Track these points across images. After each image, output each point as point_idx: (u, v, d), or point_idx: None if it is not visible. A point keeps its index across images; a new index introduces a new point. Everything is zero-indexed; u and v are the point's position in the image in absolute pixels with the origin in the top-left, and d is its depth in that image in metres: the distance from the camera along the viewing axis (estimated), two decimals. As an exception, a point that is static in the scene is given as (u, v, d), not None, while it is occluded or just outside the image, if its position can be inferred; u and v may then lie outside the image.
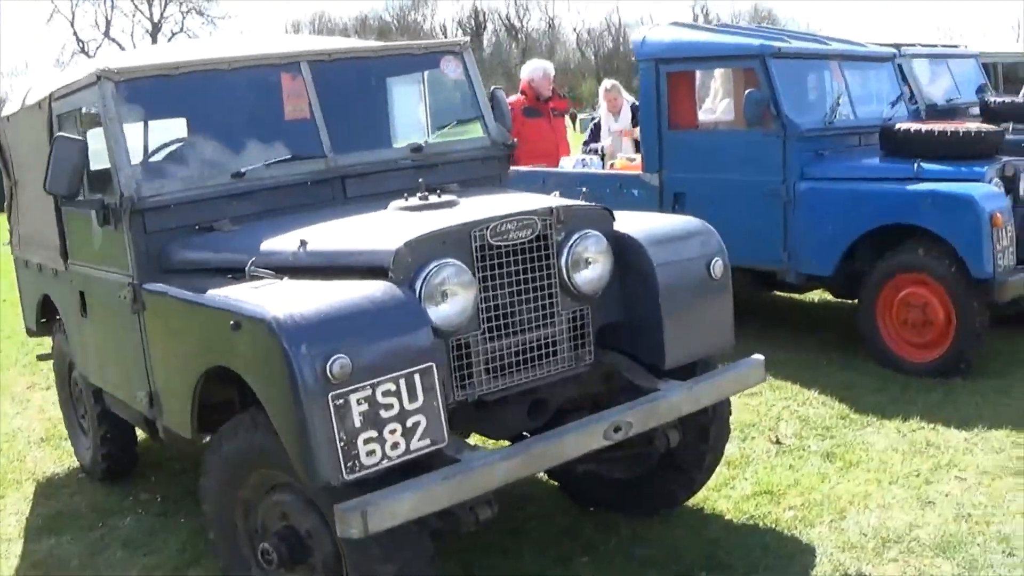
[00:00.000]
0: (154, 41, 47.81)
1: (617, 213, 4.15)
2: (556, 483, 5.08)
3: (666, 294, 3.98)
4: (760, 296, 8.24)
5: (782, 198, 7.22)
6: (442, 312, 3.43)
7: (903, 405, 6.12)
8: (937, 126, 7.03)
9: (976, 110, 10.00)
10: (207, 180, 4.32)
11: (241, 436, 3.60)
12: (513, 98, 9.97)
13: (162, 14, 48.18)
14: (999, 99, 10.01)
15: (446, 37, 52.93)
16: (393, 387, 3.17)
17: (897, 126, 7.18)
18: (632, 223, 4.17)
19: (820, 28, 48.68)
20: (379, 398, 3.14)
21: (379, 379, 3.15)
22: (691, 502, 4.88)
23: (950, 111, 10.03)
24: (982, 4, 73.65)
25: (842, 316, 8.25)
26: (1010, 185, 6.87)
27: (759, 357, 4.29)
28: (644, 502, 4.76)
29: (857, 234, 6.88)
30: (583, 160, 8.94)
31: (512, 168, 9.18)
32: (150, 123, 5.07)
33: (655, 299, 3.97)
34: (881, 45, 9.59)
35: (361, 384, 3.11)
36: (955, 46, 11.59)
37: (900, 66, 9.77)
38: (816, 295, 8.75)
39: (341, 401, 3.07)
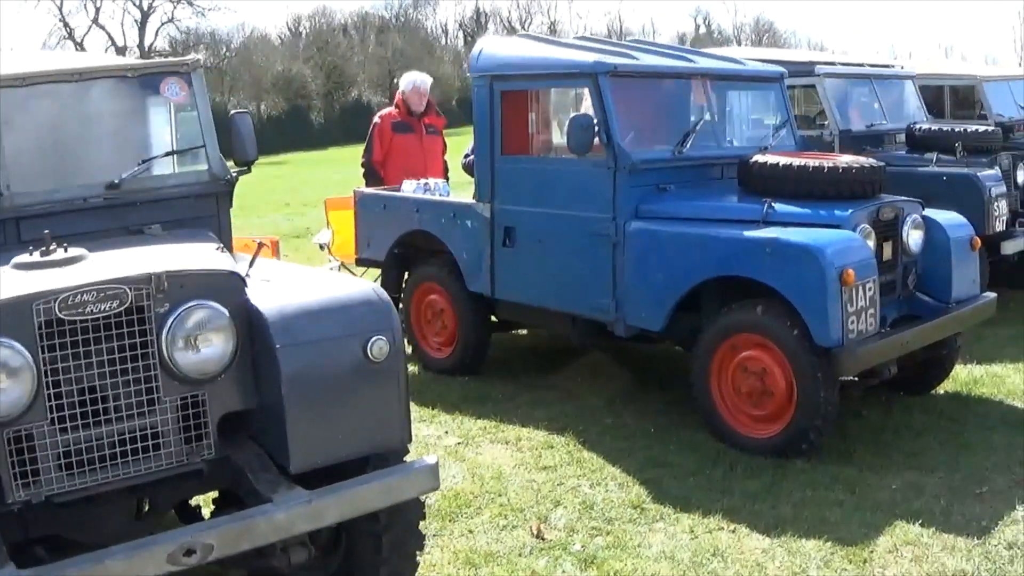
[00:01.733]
0: (143, 28, 47.27)
1: (264, 276, 3.54)
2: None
3: (292, 382, 3.26)
4: (604, 345, 7.20)
5: (611, 239, 6.22)
6: None
7: (714, 494, 5.14)
8: (799, 160, 6.01)
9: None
10: None
11: None
12: (386, 111, 9.16)
13: (152, 3, 47.49)
14: (926, 126, 8.96)
15: (447, 37, 52.31)
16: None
17: (753, 159, 6.17)
18: (269, 291, 3.45)
19: (822, 41, 47.69)
20: None
21: None
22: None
23: (871, 138, 9.00)
24: (985, 20, 72.89)
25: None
26: (889, 231, 5.91)
27: (429, 461, 3.50)
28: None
29: (689, 285, 5.88)
30: (424, 184, 7.95)
31: (360, 190, 8.46)
32: None
33: (278, 388, 3.26)
34: (781, 63, 8.59)
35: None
36: (888, 66, 10.52)
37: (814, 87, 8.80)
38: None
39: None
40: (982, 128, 8.98)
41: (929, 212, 6.40)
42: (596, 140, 6.12)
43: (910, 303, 6.30)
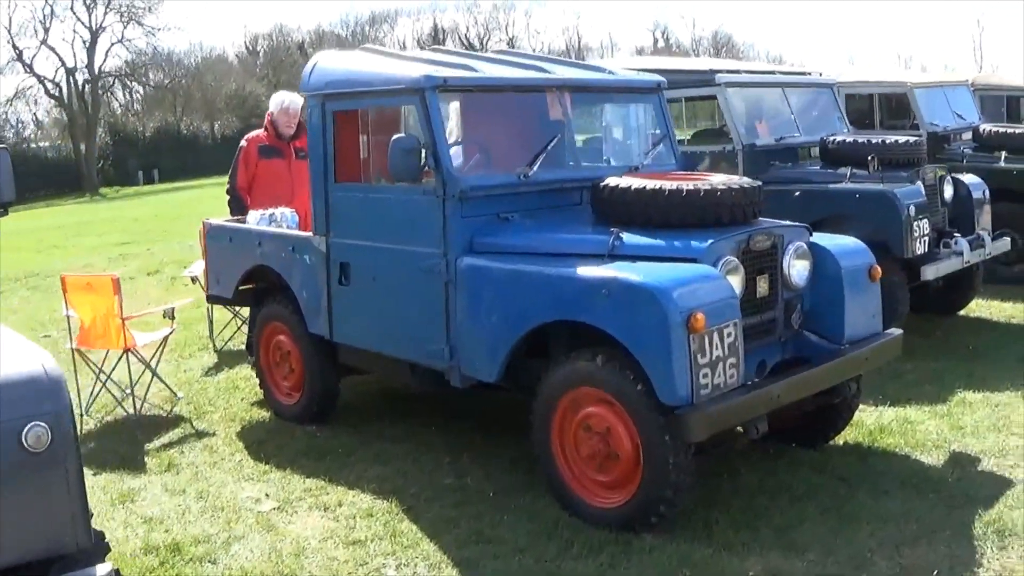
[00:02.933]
0: (92, 49, 46.15)
1: None
2: None
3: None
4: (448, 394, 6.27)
5: (442, 276, 5.32)
6: None
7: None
8: (653, 182, 5.11)
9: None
10: None
11: None
12: (254, 134, 8.42)
13: (101, 23, 46.39)
14: (840, 138, 8.09)
15: (407, 54, 51.41)
16: None
17: (604, 183, 5.28)
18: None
19: (781, 54, 47.30)
20: None
21: None
22: None
23: (781, 152, 8.13)
24: (944, 29, 73.10)
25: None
26: (765, 263, 5.06)
27: (101, 573, 2.99)
28: None
29: (522, 331, 4.99)
30: (270, 215, 7.06)
31: (209, 220, 7.55)
32: None
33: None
34: (678, 72, 7.75)
35: None
36: (806, 73, 9.66)
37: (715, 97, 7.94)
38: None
39: None
40: (903, 139, 8.10)
41: (819, 237, 5.52)
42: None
43: (797, 344, 5.41)
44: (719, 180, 5.18)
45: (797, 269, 5.27)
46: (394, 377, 6.26)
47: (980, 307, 9.25)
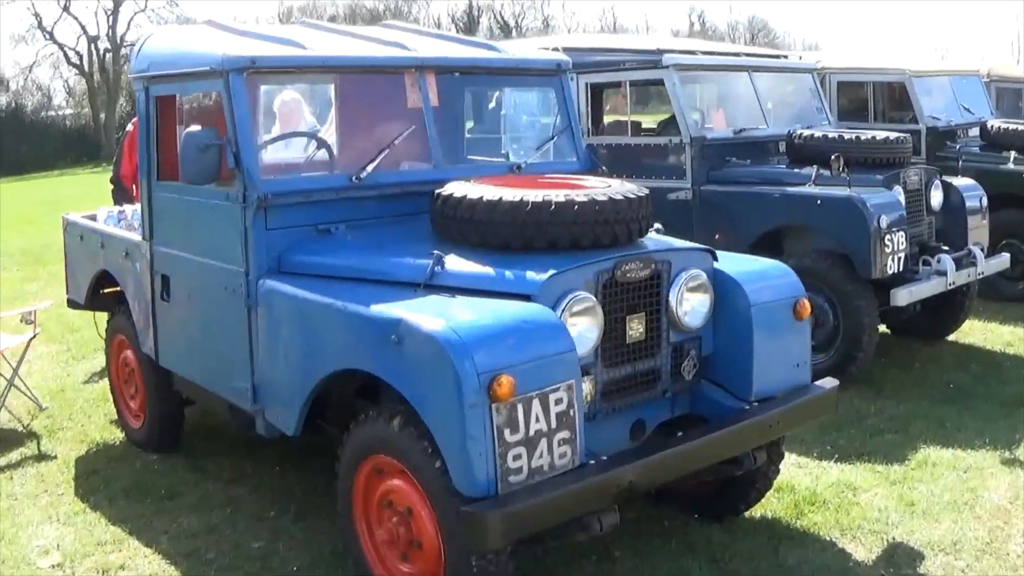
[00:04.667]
0: (115, 18, 45.38)
1: None
2: None
3: None
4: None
5: (244, 300, 4.23)
6: None
7: None
8: (498, 189, 3.99)
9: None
10: None
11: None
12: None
13: (125, -10, 45.65)
14: (808, 133, 6.88)
15: (439, 31, 50.06)
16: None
17: (439, 191, 4.15)
18: None
19: (816, 42, 45.69)
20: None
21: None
22: None
23: (739, 148, 6.93)
24: (982, 21, 70.88)
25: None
26: (643, 298, 3.98)
27: None
28: None
29: (316, 378, 3.90)
30: (120, 212, 6.06)
31: (68, 216, 6.49)
32: None
33: None
34: (617, 51, 6.60)
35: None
36: (781, 56, 8.38)
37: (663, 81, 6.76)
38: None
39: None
40: (882, 135, 6.86)
41: (730, 262, 4.35)
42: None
43: (693, 399, 4.25)
44: (589, 190, 4.01)
45: (690, 305, 4.12)
46: (224, 413, 5.20)
47: (974, 330, 7.99)
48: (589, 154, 5.31)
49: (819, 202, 6.32)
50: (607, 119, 8.64)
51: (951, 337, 7.70)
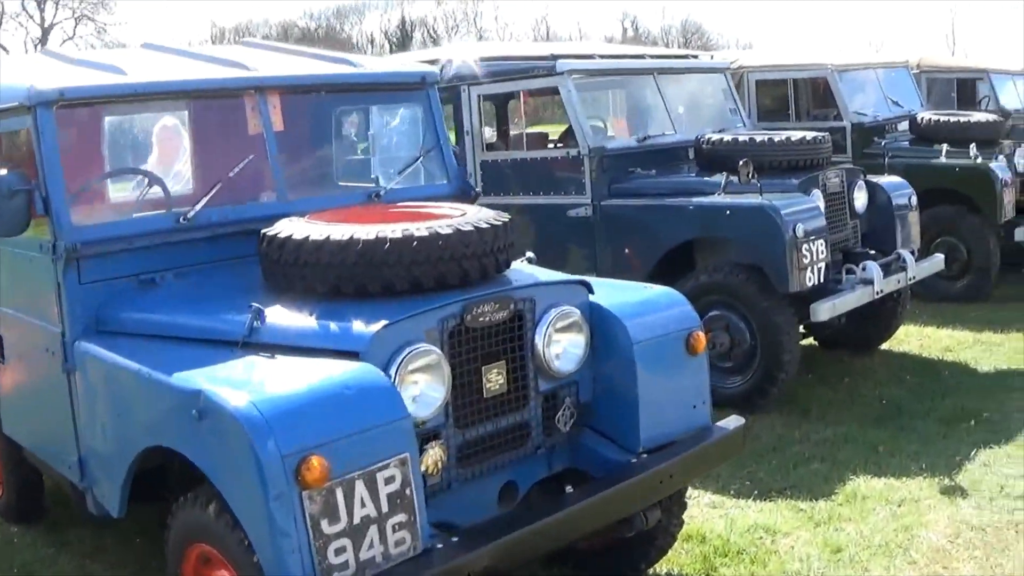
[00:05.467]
0: (44, 46, 44.35)
1: None
2: None
3: None
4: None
5: (62, 365, 3.73)
6: None
7: None
8: (327, 226, 3.46)
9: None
10: None
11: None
12: None
13: (52, 19, 44.55)
14: (716, 137, 6.40)
15: (372, 47, 49.45)
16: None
17: (266, 231, 3.58)
18: None
19: (751, 43, 45.75)
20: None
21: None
22: None
23: (644, 156, 6.43)
24: (913, 19, 71.70)
25: None
26: (501, 342, 3.47)
27: None
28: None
29: (131, 455, 3.37)
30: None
31: None
32: None
33: None
34: (509, 60, 6.11)
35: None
36: (690, 56, 7.88)
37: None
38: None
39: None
40: (797, 135, 6.37)
41: (613, 291, 3.84)
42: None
43: (574, 452, 3.72)
44: (435, 221, 3.46)
45: (561, 347, 3.58)
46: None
47: (909, 337, 7.53)
48: (462, 175, 4.78)
49: (728, 212, 5.82)
50: (514, 132, 8.13)
51: (884, 346, 7.24)
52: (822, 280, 5.81)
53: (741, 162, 5.78)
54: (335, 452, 2.72)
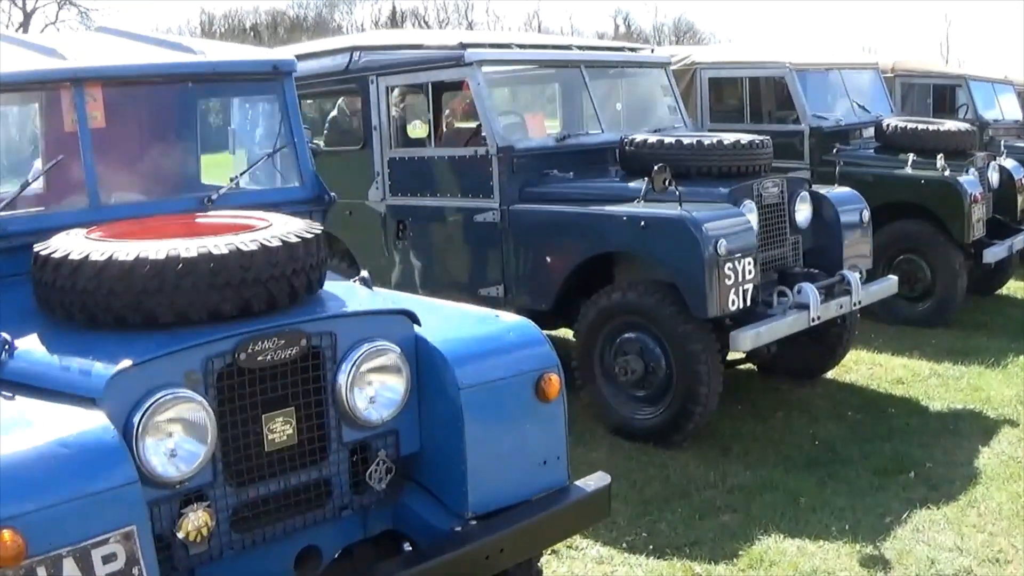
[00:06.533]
0: (25, 30, 43.56)
1: None
2: None
3: None
4: None
5: None
6: None
7: None
8: (86, 245, 2.77)
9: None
10: None
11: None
12: None
13: (36, 4, 43.75)
14: (640, 138, 5.74)
15: (363, 37, 48.53)
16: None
17: (39, 247, 2.92)
18: None
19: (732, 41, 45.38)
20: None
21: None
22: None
23: (565, 157, 5.75)
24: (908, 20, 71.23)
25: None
26: (280, 388, 2.83)
27: None
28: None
29: None
30: None
31: None
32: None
33: None
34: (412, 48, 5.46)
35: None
36: (628, 49, 7.15)
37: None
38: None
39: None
40: (732, 139, 5.68)
41: (438, 326, 3.15)
42: None
43: (396, 511, 3.15)
44: (218, 238, 2.79)
45: (373, 391, 2.92)
46: None
47: (860, 364, 6.84)
48: (317, 178, 4.12)
49: (643, 224, 5.12)
50: (448, 128, 7.46)
51: (830, 374, 6.52)
52: (748, 303, 5.12)
53: (656, 167, 5.09)
54: (33, 525, 2.10)
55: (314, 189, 4.09)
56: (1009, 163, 8.61)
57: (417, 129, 8.18)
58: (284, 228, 2.94)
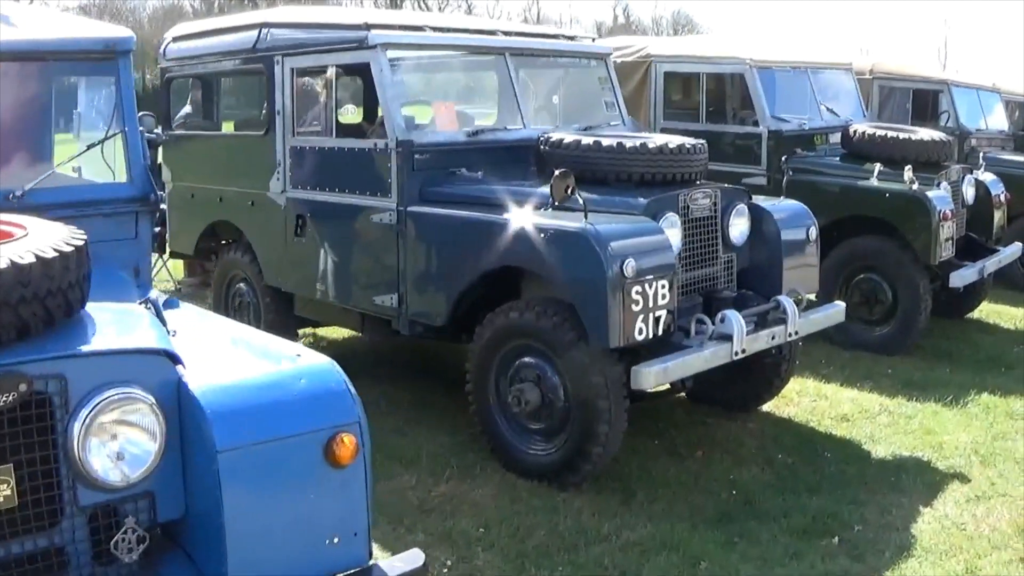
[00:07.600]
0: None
1: None
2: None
3: None
4: None
5: None
6: None
7: None
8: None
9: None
10: None
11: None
12: None
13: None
14: (556, 138, 5.09)
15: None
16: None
17: None
18: None
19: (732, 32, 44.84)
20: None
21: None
22: None
23: (474, 155, 5.15)
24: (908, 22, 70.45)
25: None
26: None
27: None
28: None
29: None
30: None
31: None
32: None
33: None
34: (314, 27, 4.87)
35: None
36: (566, 37, 6.48)
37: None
38: None
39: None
40: (659, 141, 5.05)
41: (218, 366, 2.56)
42: None
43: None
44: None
45: (118, 446, 2.44)
46: None
47: (804, 394, 6.23)
48: (147, 174, 3.55)
49: (543, 236, 4.49)
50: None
51: (767, 406, 5.91)
52: (659, 333, 4.49)
53: (557, 172, 4.46)
54: None
55: (143, 187, 3.56)
56: (987, 177, 7.97)
57: (350, 115, 7.54)
58: (41, 240, 2.41)
